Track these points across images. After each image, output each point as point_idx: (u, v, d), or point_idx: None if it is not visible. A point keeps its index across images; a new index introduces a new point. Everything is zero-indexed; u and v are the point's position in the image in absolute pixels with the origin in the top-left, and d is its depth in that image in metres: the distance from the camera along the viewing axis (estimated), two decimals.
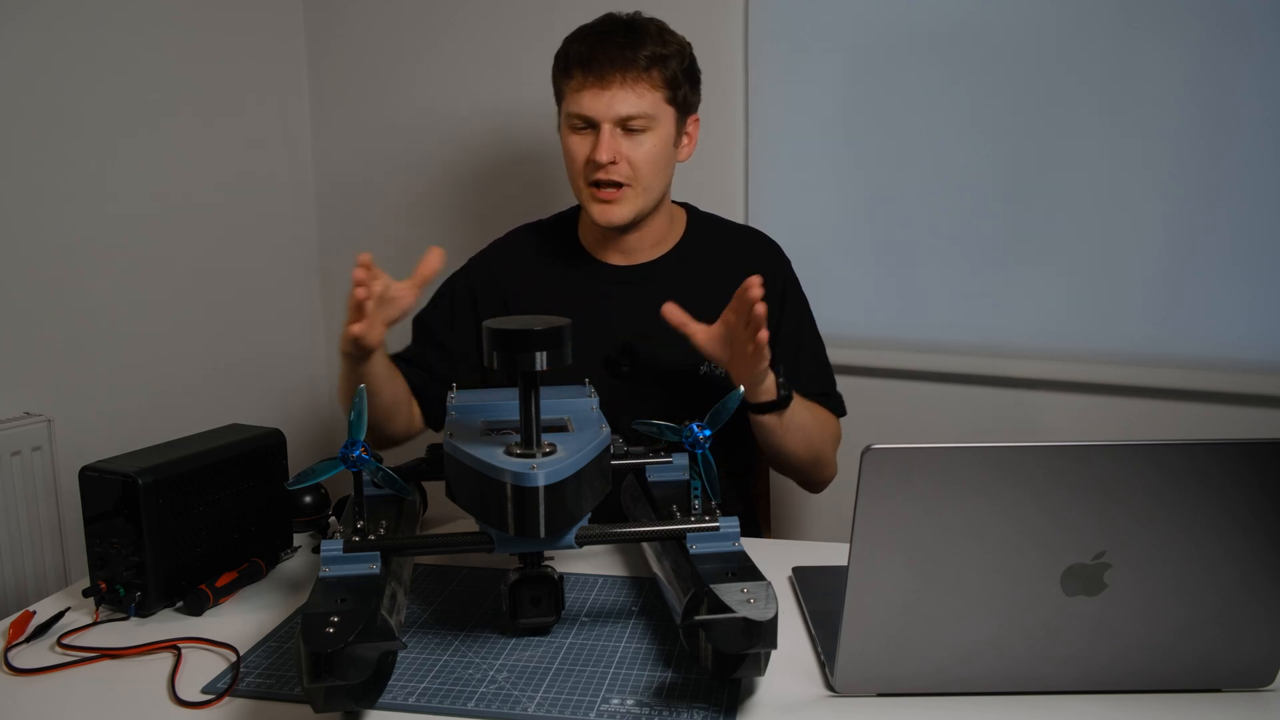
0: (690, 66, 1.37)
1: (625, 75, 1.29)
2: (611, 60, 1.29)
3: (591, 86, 1.29)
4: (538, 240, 1.49)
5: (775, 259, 1.47)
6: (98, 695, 0.91)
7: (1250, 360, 1.71)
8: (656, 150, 1.33)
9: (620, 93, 1.29)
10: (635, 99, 1.30)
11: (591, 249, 1.45)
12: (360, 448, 0.90)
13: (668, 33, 1.35)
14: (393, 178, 2.21)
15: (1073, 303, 1.80)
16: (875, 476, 0.80)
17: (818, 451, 1.36)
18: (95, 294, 1.74)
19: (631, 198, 1.33)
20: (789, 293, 1.45)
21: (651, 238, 1.42)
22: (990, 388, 1.88)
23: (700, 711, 0.86)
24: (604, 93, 1.29)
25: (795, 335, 1.43)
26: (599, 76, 1.29)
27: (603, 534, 0.99)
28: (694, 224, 1.48)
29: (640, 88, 1.30)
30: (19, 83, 1.60)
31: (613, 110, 1.29)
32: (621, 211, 1.33)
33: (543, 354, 0.90)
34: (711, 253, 1.44)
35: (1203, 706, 0.87)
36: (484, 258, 1.50)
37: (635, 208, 1.34)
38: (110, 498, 1.04)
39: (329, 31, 2.20)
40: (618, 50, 1.29)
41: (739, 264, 1.40)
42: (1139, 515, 0.82)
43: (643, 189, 1.33)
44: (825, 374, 1.47)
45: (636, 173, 1.32)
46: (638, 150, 1.31)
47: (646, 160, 1.32)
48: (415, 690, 0.89)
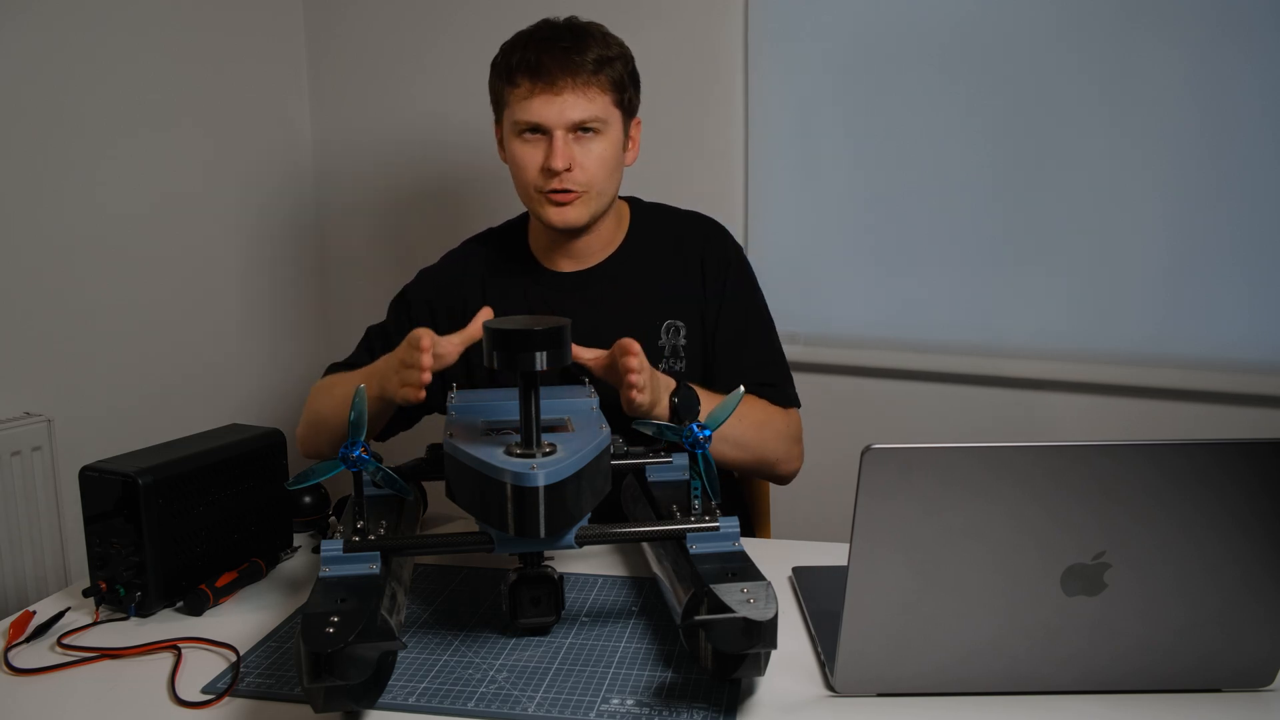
0: (633, 69, 1.36)
1: (575, 80, 1.27)
2: (560, 65, 1.27)
3: (542, 93, 1.27)
4: (487, 251, 1.47)
5: (720, 241, 1.44)
6: (98, 695, 0.91)
7: (1250, 360, 1.71)
8: (608, 154, 1.32)
9: (571, 98, 1.27)
10: (587, 103, 1.28)
11: (541, 257, 1.43)
12: (360, 448, 0.90)
13: (609, 36, 1.34)
14: (392, 177, 2.21)
15: (1073, 303, 1.80)
16: (875, 476, 0.80)
17: (758, 454, 1.33)
18: (95, 294, 1.74)
19: (586, 201, 1.32)
20: (732, 277, 1.41)
21: (600, 241, 1.41)
22: (990, 388, 1.88)
23: (700, 711, 0.86)
24: (556, 99, 1.27)
25: (738, 318, 1.41)
26: (549, 82, 1.27)
27: (603, 534, 0.99)
28: (638, 218, 1.45)
29: (590, 91, 1.28)
30: (19, 82, 1.60)
31: (565, 116, 1.27)
32: (576, 213, 1.32)
33: (543, 354, 0.90)
34: (657, 245, 1.43)
35: (1203, 706, 0.87)
36: (437, 270, 1.48)
37: (590, 210, 1.33)
38: (110, 498, 1.04)
39: (329, 31, 2.20)
40: (564, 55, 1.28)
41: (684, 251, 1.40)
42: (1139, 515, 0.82)
43: (596, 193, 1.32)
44: (773, 363, 1.42)
45: (590, 177, 1.31)
46: (590, 155, 1.30)
47: (599, 164, 1.31)
48: (415, 690, 0.89)
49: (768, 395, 1.37)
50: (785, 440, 1.37)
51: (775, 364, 1.43)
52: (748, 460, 1.33)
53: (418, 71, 2.14)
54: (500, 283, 1.43)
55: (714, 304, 1.40)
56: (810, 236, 1.88)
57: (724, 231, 1.47)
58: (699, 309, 1.40)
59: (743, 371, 1.35)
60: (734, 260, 1.44)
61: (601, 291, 1.40)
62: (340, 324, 2.32)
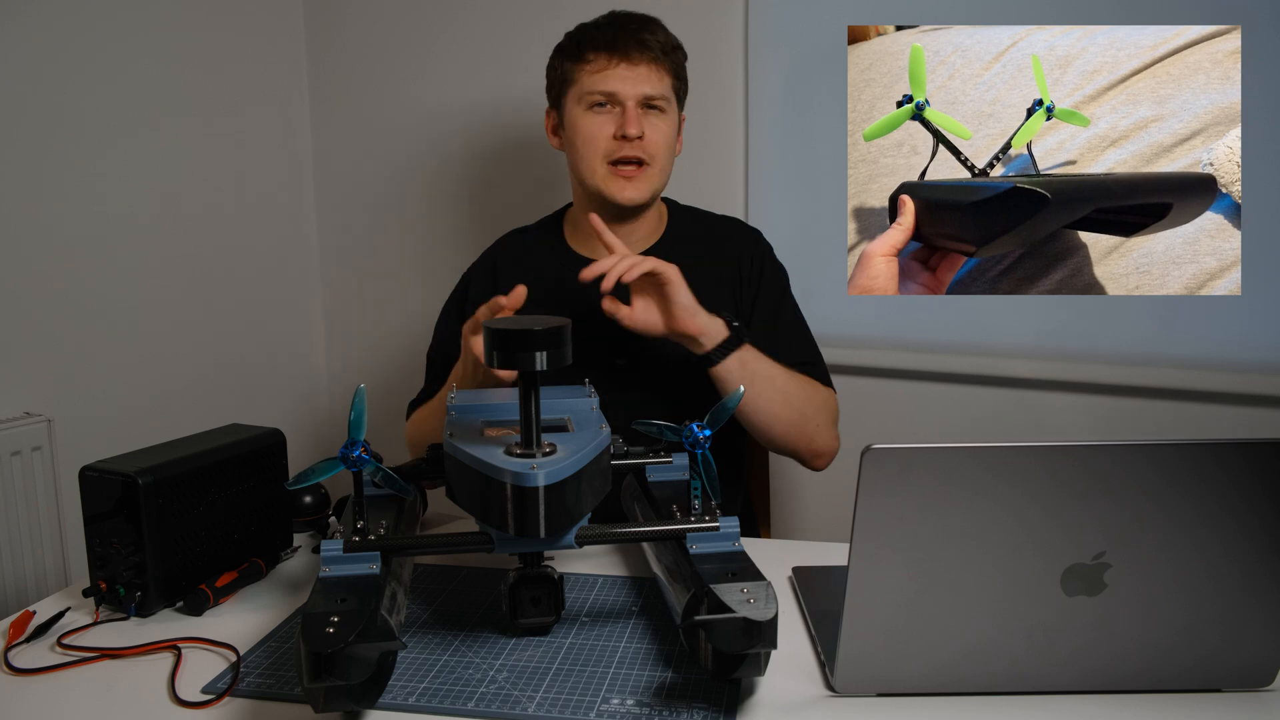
0: (685, 66, 1.43)
1: (646, 55, 1.34)
2: (636, 42, 1.34)
3: (618, 64, 1.34)
4: (527, 242, 1.51)
5: (755, 244, 1.48)
6: (98, 695, 0.91)
7: (1250, 360, 1.71)
8: (670, 133, 1.38)
9: (645, 70, 1.34)
10: (657, 79, 1.35)
11: (578, 248, 1.46)
12: (360, 448, 0.90)
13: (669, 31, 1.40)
14: (392, 178, 2.21)
15: (1072, 302, 1.80)
16: (875, 476, 0.80)
17: (799, 409, 1.33)
18: (95, 294, 1.74)
19: (649, 176, 1.37)
20: (767, 273, 1.45)
21: (640, 231, 1.44)
22: (990, 388, 1.88)
23: (700, 711, 0.86)
24: (632, 70, 1.34)
25: (773, 311, 1.44)
26: (624, 55, 1.34)
27: (603, 534, 0.99)
28: (675, 216, 1.49)
29: (660, 70, 1.36)
30: (20, 83, 1.60)
31: (639, 88, 1.34)
32: (640, 189, 1.36)
33: (543, 354, 0.90)
34: (693, 243, 1.46)
35: (1203, 706, 0.87)
36: (478, 264, 1.52)
37: (652, 187, 1.37)
38: (110, 498, 1.04)
39: (329, 31, 2.20)
40: (638, 33, 1.35)
41: (721, 252, 1.42)
42: (1139, 515, 0.82)
43: (659, 169, 1.37)
44: (808, 346, 1.45)
45: (656, 150, 1.36)
46: (657, 130, 1.36)
47: (664, 141, 1.37)
48: (415, 690, 0.89)
49: (807, 372, 1.39)
50: (825, 413, 1.38)
51: (812, 349, 1.46)
52: (792, 419, 1.32)
53: (418, 71, 2.14)
54: (540, 274, 1.45)
55: (748, 306, 1.42)
56: (810, 236, 1.88)
57: (760, 237, 1.50)
58: (733, 309, 1.41)
59: (779, 351, 1.35)
60: (771, 261, 1.47)
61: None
62: (340, 324, 2.32)
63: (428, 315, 1.56)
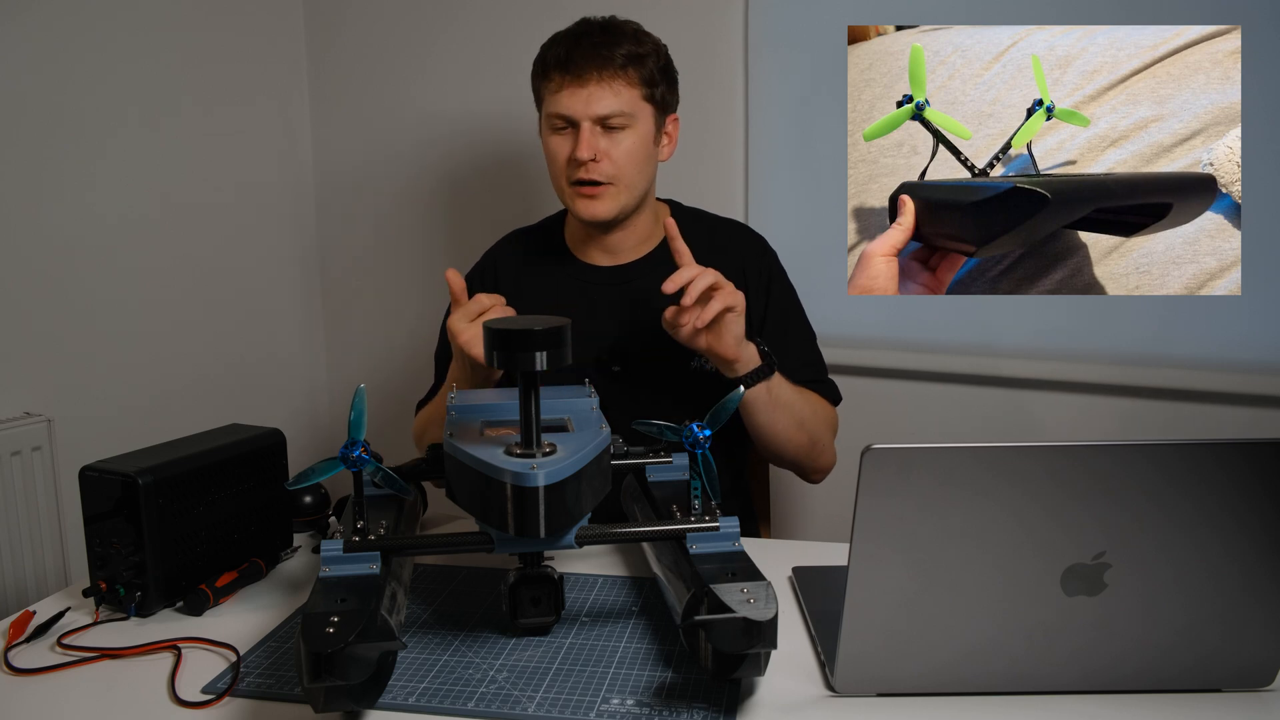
0: (666, 66, 1.39)
1: (602, 74, 1.31)
2: (588, 60, 1.31)
3: (569, 86, 1.32)
4: (525, 244, 1.51)
5: (760, 251, 1.47)
6: (98, 695, 0.91)
7: (1250, 360, 1.71)
8: (636, 148, 1.35)
9: (598, 91, 1.31)
10: (612, 97, 1.32)
11: (577, 251, 1.46)
12: (360, 448, 0.90)
13: (643, 33, 1.37)
14: (392, 177, 2.21)
15: (1072, 302, 1.80)
16: (875, 476, 0.80)
17: (811, 432, 1.35)
18: (95, 294, 1.74)
19: (614, 194, 1.35)
20: (774, 283, 1.45)
21: (635, 236, 1.43)
22: (990, 388, 1.88)
23: (700, 711, 0.86)
24: (581, 90, 1.31)
25: (781, 324, 1.43)
26: (576, 76, 1.31)
27: (603, 534, 0.99)
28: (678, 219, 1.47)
29: (617, 85, 1.32)
30: (19, 82, 1.60)
31: (590, 108, 1.31)
32: (605, 206, 1.35)
33: (543, 354, 0.90)
34: (695, 247, 1.44)
35: (1203, 706, 0.87)
36: (478, 266, 1.52)
37: (618, 204, 1.36)
38: (110, 498, 1.04)
39: (329, 31, 2.20)
40: (594, 50, 1.31)
41: (724, 257, 1.41)
42: (1139, 515, 0.82)
43: (625, 186, 1.35)
44: (816, 361, 1.46)
45: (618, 170, 1.34)
46: (617, 148, 1.33)
47: (626, 157, 1.34)
48: (415, 690, 0.89)
49: (816, 390, 1.40)
50: (829, 430, 1.41)
51: (817, 365, 1.46)
52: (801, 440, 1.34)
53: (418, 72, 2.14)
54: (537, 275, 1.46)
55: (756, 313, 1.41)
56: (810, 236, 1.88)
57: (765, 242, 1.49)
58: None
59: (789, 368, 1.35)
60: (776, 268, 1.47)
61: (636, 288, 1.41)
62: (340, 324, 2.32)
63: (428, 315, 1.56)
